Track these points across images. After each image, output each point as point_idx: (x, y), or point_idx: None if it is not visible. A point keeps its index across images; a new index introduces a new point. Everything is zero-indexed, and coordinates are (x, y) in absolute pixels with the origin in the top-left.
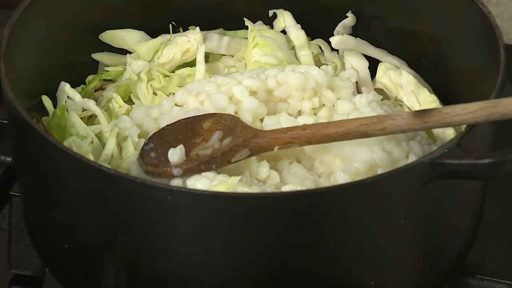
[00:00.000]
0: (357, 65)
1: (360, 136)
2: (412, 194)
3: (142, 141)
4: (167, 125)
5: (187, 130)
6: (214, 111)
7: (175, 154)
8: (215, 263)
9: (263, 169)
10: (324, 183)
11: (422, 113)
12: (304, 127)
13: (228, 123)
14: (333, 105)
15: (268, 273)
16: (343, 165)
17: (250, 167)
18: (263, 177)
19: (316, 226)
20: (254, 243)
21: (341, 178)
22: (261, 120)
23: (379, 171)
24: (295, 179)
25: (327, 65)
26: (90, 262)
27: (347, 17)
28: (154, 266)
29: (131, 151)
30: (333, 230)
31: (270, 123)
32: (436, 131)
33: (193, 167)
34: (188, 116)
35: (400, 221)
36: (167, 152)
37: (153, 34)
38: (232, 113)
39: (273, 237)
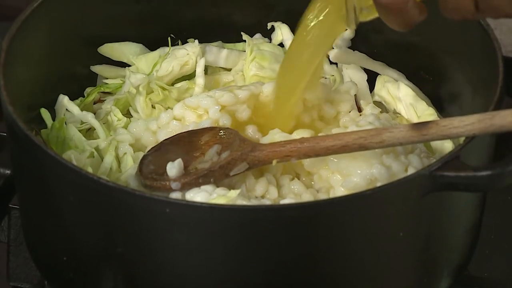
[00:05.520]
0: (355, 78)
1: (358, 149)
2: (411, 206)
3: (141, 154)
4: (165, 139)
5: (185, 143)
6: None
7: (174, 168)
8: (214, 275)
9: (261, 185)
10: (323, 197)
11: (420, 126)
12: (302, 140)
13: (226, 137)
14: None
15: (267, 285)
16: (342, 180)
17: (248, 183)
18: (261, 193)
19: (315, 238)
20: (253, 255)
21: (340, 193)
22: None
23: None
24: (293, 194)
25: (325, 78)
26: (89, 274)
27: (346, 30)
28: (153, 278)
29: (130, 164)
30: (332, 242)
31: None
32: (435, 144)
33: (192, 180)
34: (187, 130)
35: (399, 233)
36: (166, 165)
37: (151, 47)
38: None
39: (272, 249)
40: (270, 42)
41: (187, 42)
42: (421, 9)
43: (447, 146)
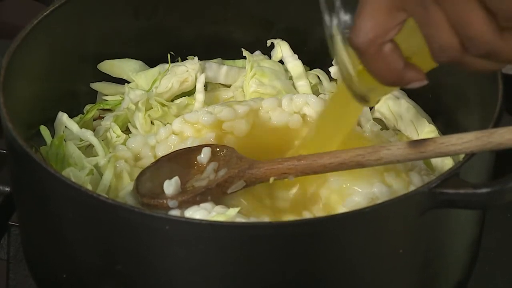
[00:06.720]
0: None
1: (355, 166)
2: (410, 223)
3: (139, 170)
4: (162, 156)
5: (182, 160)
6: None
7: (171, 186)
8: None
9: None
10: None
11: (417, 143)
12: (300, 157)
13: (223, 154)
14: None
15: None
16: (343, 199)
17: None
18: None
19: (315, 255)
20: (253, 272)
21: (341, 211)
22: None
23: None
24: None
25: (325, 94)
26: None
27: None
28: None
29: (126, 181)
30: (331, 259)
31: None
32: (435, 161)
33: (189, 198)
34: (184, 147)
35: (399, 250)
36: (163, 183)
37: (151, 64)
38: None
39: (272, 267)
40: (270, 59)
41: (187, 59)
42: (410, 66)
43: (447, 163)
